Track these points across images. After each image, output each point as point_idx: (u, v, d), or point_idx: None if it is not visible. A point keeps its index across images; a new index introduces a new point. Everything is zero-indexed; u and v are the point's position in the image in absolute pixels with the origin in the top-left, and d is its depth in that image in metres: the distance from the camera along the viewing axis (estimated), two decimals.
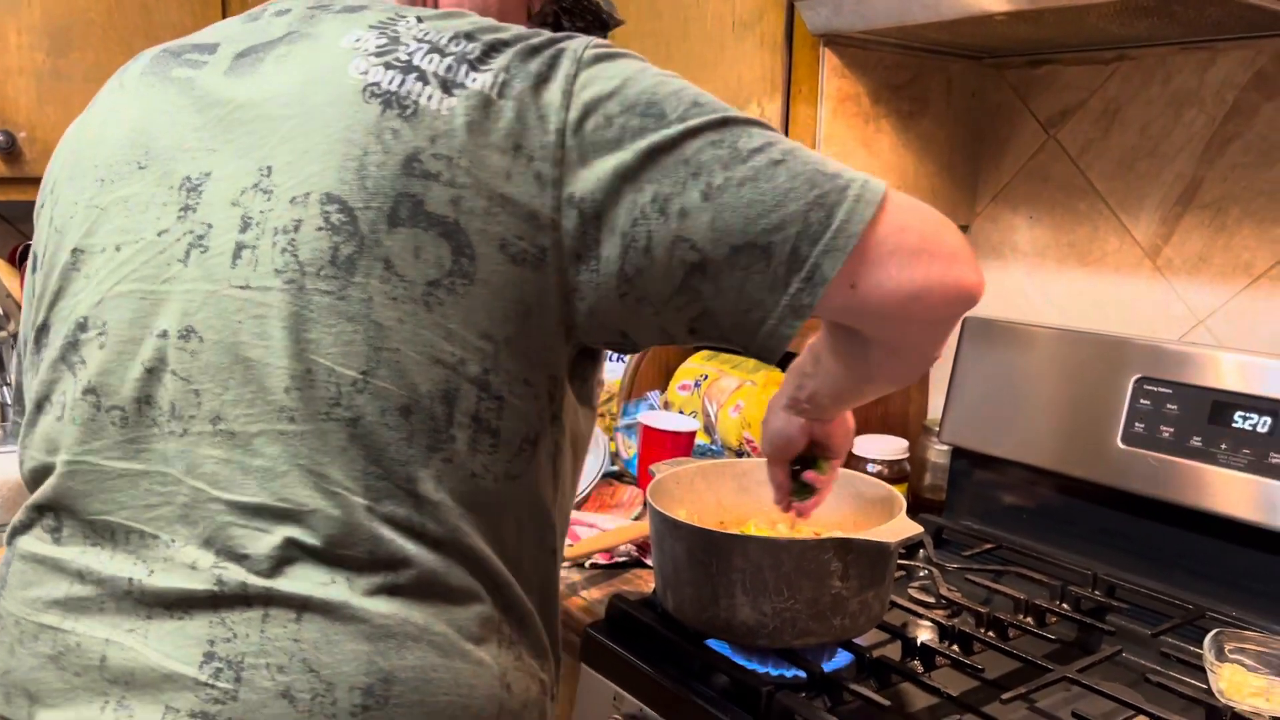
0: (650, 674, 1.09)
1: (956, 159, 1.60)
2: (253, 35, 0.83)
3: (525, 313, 0.75)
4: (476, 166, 0.72)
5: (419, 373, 0.72)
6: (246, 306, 0.73)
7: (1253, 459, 1.18)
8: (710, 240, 0.73)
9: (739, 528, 1.22)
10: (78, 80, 1.78)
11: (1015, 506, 1.45)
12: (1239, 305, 1.34)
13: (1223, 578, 1.22)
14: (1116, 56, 1.44)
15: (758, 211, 0.73)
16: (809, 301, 0.74)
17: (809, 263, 0.73)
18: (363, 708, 0.70)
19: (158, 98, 0.82)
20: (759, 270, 0.74)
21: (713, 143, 0.74)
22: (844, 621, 1.04)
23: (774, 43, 1.45)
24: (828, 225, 0.73)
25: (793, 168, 0.74)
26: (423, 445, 0.73)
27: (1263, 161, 1.30)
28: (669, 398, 1.86)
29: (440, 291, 0.72)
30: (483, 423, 0.74)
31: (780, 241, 0.73)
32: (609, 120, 0.74)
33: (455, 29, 0.77)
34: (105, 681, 0.71)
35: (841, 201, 0.73)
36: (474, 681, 0.74)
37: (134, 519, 0.74)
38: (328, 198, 0.72)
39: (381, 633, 0.71)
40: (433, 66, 0.75)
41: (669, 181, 0.73)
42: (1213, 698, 1.00)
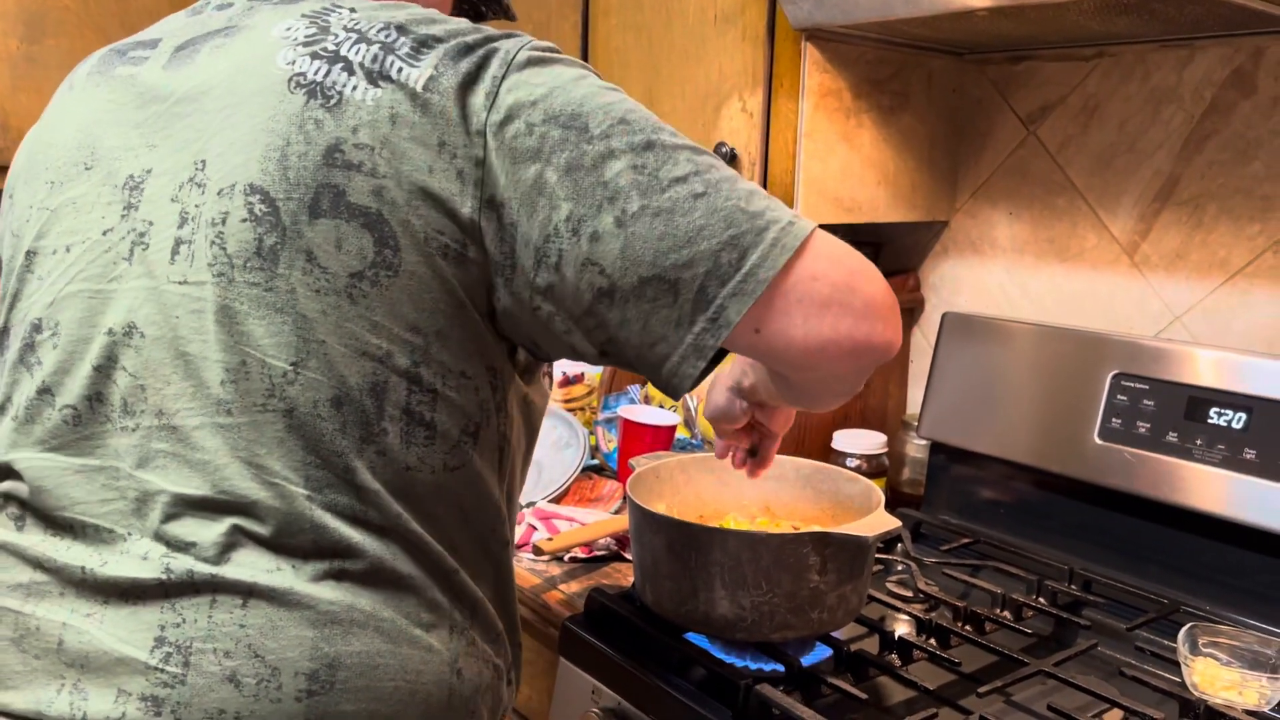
0: (629, 667, 1.08)
1: (937, 154, 1.60)
2: (193, 28, 0.84)
3: (457, 305, 0.74)
4: (398, 158, 0.72)
5: (346, 365, 0.72)
6: (184, 302, 0.73)
7: (1227, 455, 1.19)
8: (619, 268, 0.72)
9: (718, 521, 1.22)
10: (52, 67, 1.76)
11: (993, 501, 1.45)
12: (1215, 302, 1.35)
13: (1197, 572, 1.23)
14: (1096, 53, 1.44)
15: (669, 245, 0.72)
16: (712, 343, 0.73)
17: (715, 304, 0.72)
18: (308, 693, 0.71)
19: (103, 97, 0.83)
20: (665, 305, 0.73)
21: (634, 166, 0.72)
22: (822, 615, 1.04)
23: (756, 36, 1.45)
24: (738, 268, 0.72)
25: (713, 203, 0.72)
26: (355, 437, 0.73)
27: (1239, 159, 1.31)
28: (649, 392, 1.86)
29: (364, 284, 0.72)
30: (415, 415, 0.74)
31: (689, 279, 0.72)
32: (530, 128, 0.73)
33: (387, 19, 0.77)
34: (62, 664, 0.72)
35: (757, 244, 0.72)
36: (422, 668, 0.75)
37: (89, 514, 0.75)
38: (251, 188, 0.72)
39: (327, 619, 0.72)
40: (359, 57, 0.74)
41: (585, 202, 0.72)
42: (1186, 691, 1.01)
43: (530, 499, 1.50)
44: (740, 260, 0.72)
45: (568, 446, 1.65)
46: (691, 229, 0.72)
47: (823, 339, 0.74)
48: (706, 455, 1.26)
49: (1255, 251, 1.31)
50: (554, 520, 1.43)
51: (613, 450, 1.71)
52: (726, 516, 1.23)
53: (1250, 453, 1.17)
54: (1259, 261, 1.31)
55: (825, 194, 1.47)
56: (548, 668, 1.27)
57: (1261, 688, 0.98)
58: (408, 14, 0.78)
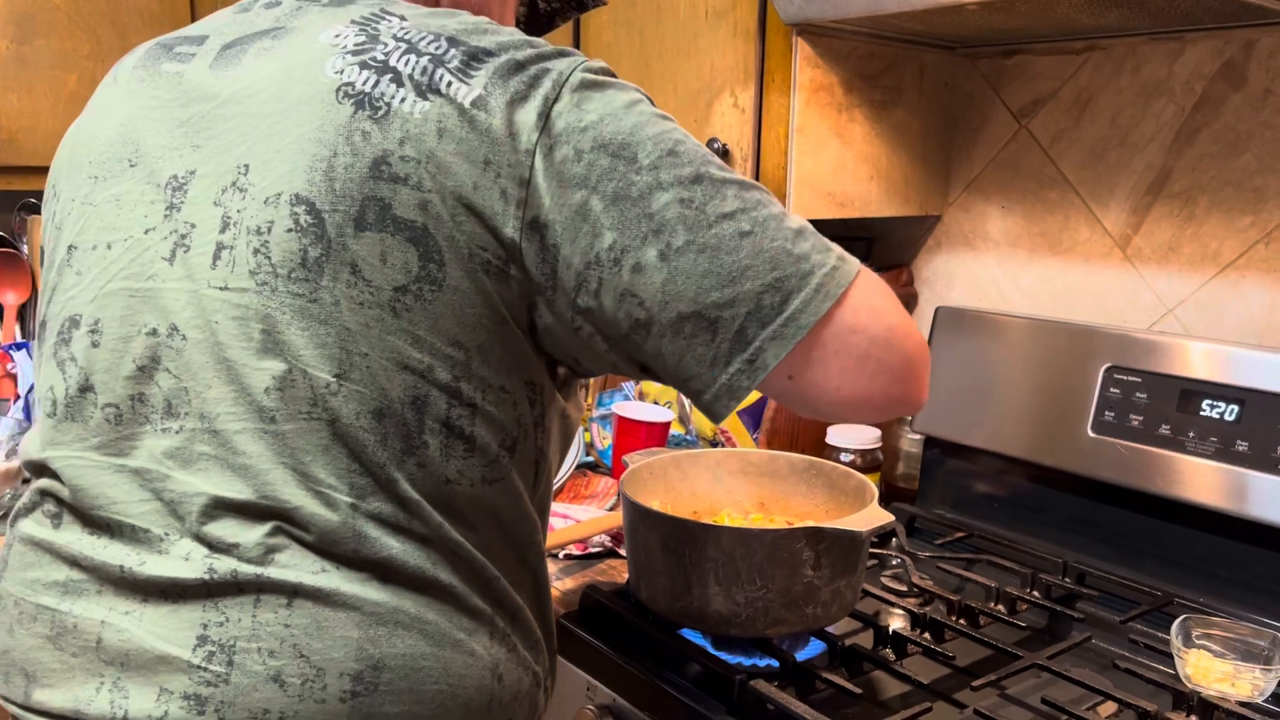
0: (624, 664, 1.09)
1: (929, 149, 1.60)
2: (241, 27, 0.82)
3: (499, 321, 0.74)
4: (444, 173, 0.71)
5: (388, 378, 0.72)
6: (225, 307, 0.73)
7: (1220, 447, 1.19)
8: (659, 302, 0.72)
9: (712, 518, 1.22)
10: (42, 68, 1.76)
11: (987, 495, 1.46)
12: (1207, 294, 1.35)
13: (1191, 565, 1.24)
14: (1087, 47, 1.44)
15: (712, 283, 0.72)
16: (746, 385, 0.74)
17: (753, 346, 0.73)
18: (352, 693, 0.71)
19: (147, 92, 0.82)
20: (702, 343, 0.73)
21: (681, 200, 0.72)
22: (816, 610, 1.04)
23: (747, 31, 1.44)
24: (780, 311, 0.72)
25: (758, 242, 0.72)
26: (396, 449, 0.73)
27: (1231, 151, 1.31)
28: (643, 388, 1.86)
29: (407, 297, 0.71)
30: (455, 429, 0.74)
31: (729, 319, 0.72)
32: (579, 154, 0.72)
33: (437, 30, 0.76)
34: (101, 662, 0.72)
35: (800, 289, 0.73)
36: (464, 672, 0.75)
37: (126, 513, 0.75)
38: (297, 199, 0.72)
39: (372, 620, 0.72)
40: (408, 68, 0.73)
41: (629, 233, 0.72)
42: (1180, 683, 1.01)
43: None
44: (783, 304, 0.72)
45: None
46: (736, 268, 0.72)
47: (857, 394, 0.76)
48: (701, 451, 1.26)
49: (1247, 244, 1.31)
50: (549, 517, 1.43)
51: (607, 447, 1.71)
52: (721, 512, 1.23)
53: (1243, 444, 1.17)
54: (1250, 253, 1.31)
55: (818, 189, 1.47)
56: None
57: (1254, 679, 0.99)
58: (458, 23, 0.77)
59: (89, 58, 1.79)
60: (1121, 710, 0.99)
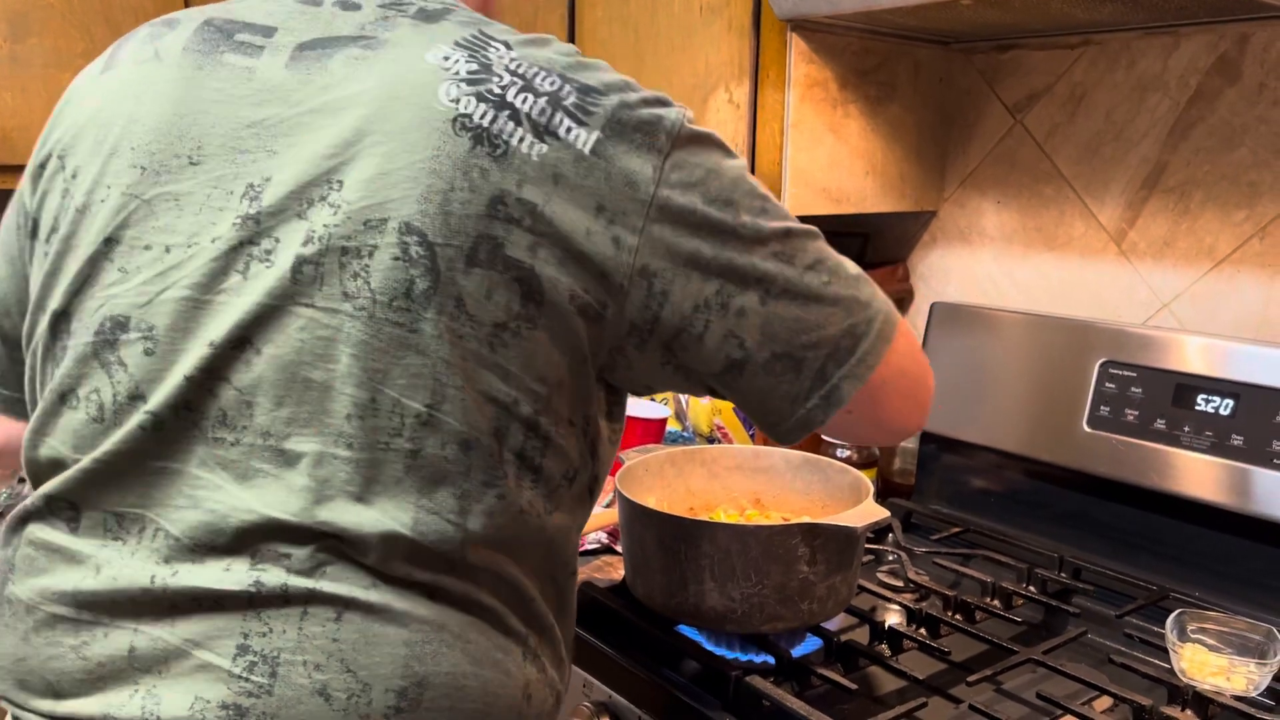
0: (619, 660, 1.09)
1: (924, 144, 1.60)
2: (316, 26, 0.78)
3: (580, 359, 0.76)
4: (558, 218, 0.72)
5: (479, 410, 0.72)
6: (310, 326, 0.71)
7: (1215, 441, 1.19)
8: (756, 342, 0.79)
9: (708, 514, 1.22)
10: (36, 66, 1.75)
11: (983, 490, 1.46)
12: (1202, 289, 1.36)
13: (1186, 559, 1.24)
14: (1082, 41, 1.44)
15: (801, 327, 0.79)
16: (821, 419, 0.82)
17: (830, 383, 0.81)
18: (396, 709, 0.70)
19: (209, 84, 0.77)
20: (789, 381, 0.81)
21: (776, 254, 0.79)
22: (812, 606, 1.04)
23: (741, 27, 1.44)
24: (852, 353, 0.81)
25: (836, 291, 0.81)
26: (479, 481, 0.73)
27: (1225, 146, 1.31)
28: None
29: (506, 334, 0.72)
30: (527, 460, 0.76)
31: (813, 359, 0.80)
32: (694, 207, 0.76)
33: (547, 65, 0.76)
34: (134, 670, 0.71)
35: (867, 334, 0.82)
36: (500, 691, 0.75)
37: (163, 516, 0.73)
38: (407, 228, 0.70)
39: (420, 638, 0.72)
40: (526, 107, 0.73)
41: (735, 279, 0.77)
42: (1175, 678, 1.01)
43: None
44: (854, 346, 0.81)
45: None
46: (822, 315, 0.80)
47: (900, 425, 0.89)
48: (697, 448, 1.26)
49: (1241, 238, 1.31)
50: None
51: None
52: (717, 509, 1.23)
53: (1238, 439, 1.18)
54: (1245, 248, 1.31)
55: (813, 185, 1.47)
56: None
57: (1249, 673, 0.99)
58: (559, 54, 0.78)
59: (83, 56, 1.79)
60: (1117, 705, 0.99)
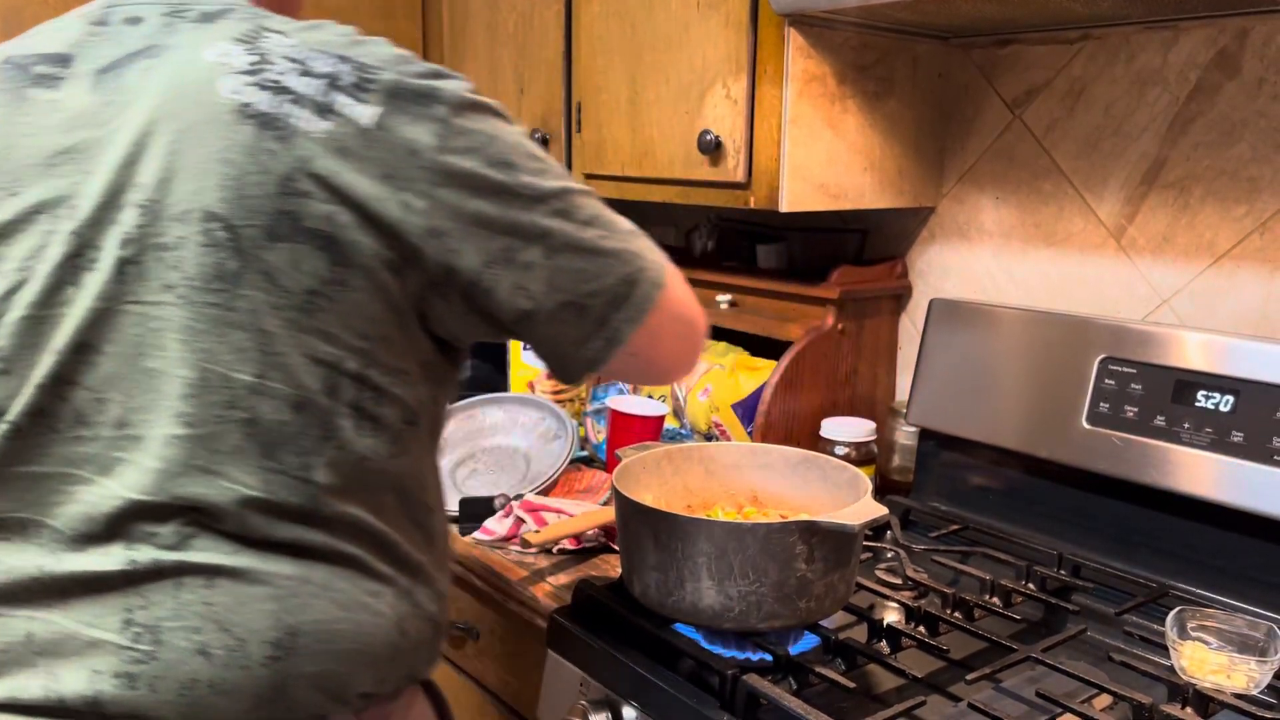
0: (617, 659, 1.08)
1: (923, 140, 1.59)
2: (109, 47, 0.84)
3: (398, 313, 0.82)
4: (349, 188, 0.78)
5: (305, 372, 0.79)
6: (140, 320, 0.77)
7: (1215, 438, 1.19)
8: (544, 292, 0.86)
9: (705, 512, 1.21)
10: None
11: (982, 487, 1.45)
12: (1202, 285, 1.35)
13: (1186, 556, 1.23)
14: (1081, 36, 1.43)
15: (584, 277, 0.87)
16: (605, 358, 0.91)
17: (611, 325, 0.89)
18: (272, 659, 0.79)
19: (19, 120, 0.83)
20: (574, 325, 0.89)
21: (556, 211, 0.86)
22: (810, 604, 1.03)
23: (739, 22, 1.44)
24: (629, 298, 0.89)
25: (613, 245, 0.89)
26: (315, 436, 0.80)
27: (1225, 140, 1.31)
28: None
29: (319, 299, 0.78)
30: (363, 411, 0.82)
31: (595, 305, 0.88)
32: (475, 170, 0.82)
33: (323, 47, 0.82)
34: (33, 654, 0.77)
35: (641, 281, 0.90)
36: (373, 631, 0.84)
37: (43, 514, 0.79)
38: (210, 216, 0.76)
39: (286, 593, 0.80)
40: (305, 89, 0.79)
41: (519, 236, 0.84)
42: (1175, 675, 1.01)
43: (518, 491, 1.50)
44: (631, 293, 0.89)
45: (556, 438, 1.64)
46: (601, 265, 0.88)
47: (673, 364, 0.98)
48: (694, 445, 1.26)
49: (1241, 233, 1.31)
50: (542, 512, 1.43)
51: (601, 441, 1.70)
52: (714, 507, 1.23)
53: (1238, 435, 1.17)
54: (1245, 243, 1.30)
55: (811, 181, 1.46)
56: (536, 660, 1.26)
57: (1250, 671, 0.98)
58: (339, 36, 0.83)
59: None
60: (1117, 703, 0.99)
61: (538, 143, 1.80)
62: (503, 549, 1.39)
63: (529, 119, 1.87)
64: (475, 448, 1.69)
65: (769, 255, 1.79)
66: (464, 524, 1.45)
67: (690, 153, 1.53)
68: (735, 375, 1.67)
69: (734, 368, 1.68)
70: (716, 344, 1.79)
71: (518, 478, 1.60)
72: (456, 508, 1.46)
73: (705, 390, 1.70)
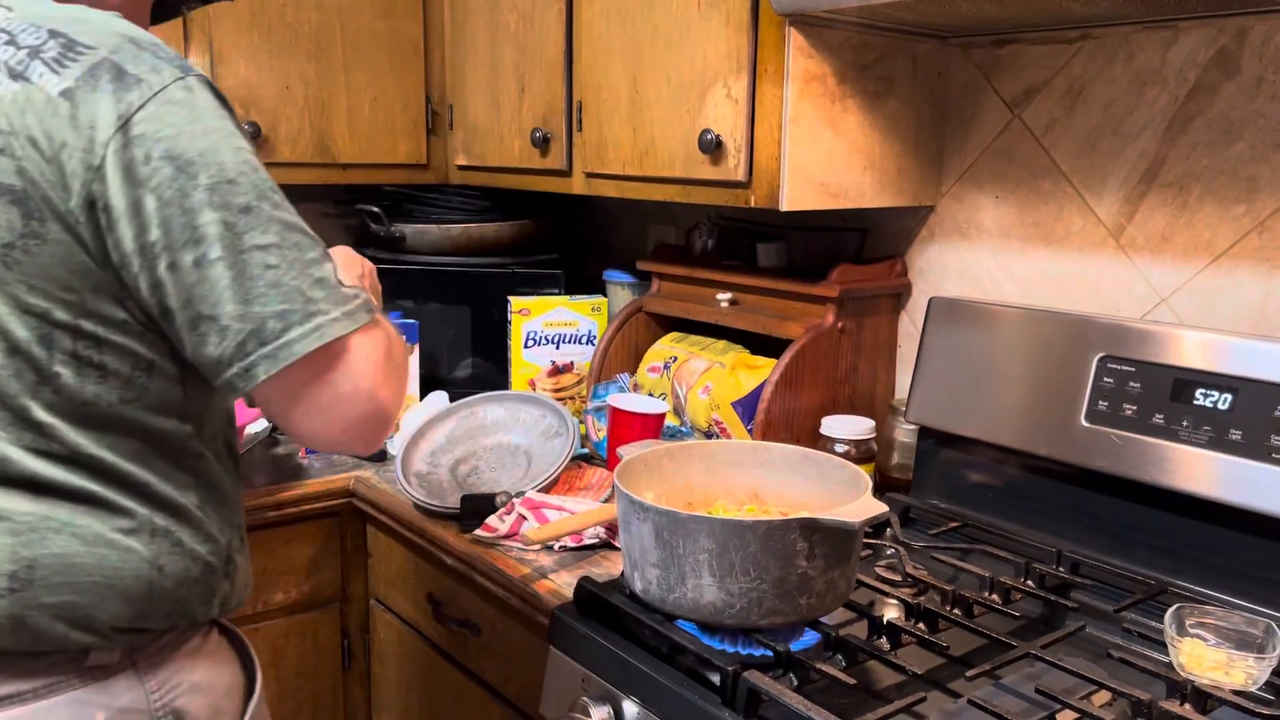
0: (618, 655, 1.09)
1: (923, 139, 1.60)
2: None
3: (103, 265, 0.85)
4: (32, 145, 0.82)
5: (13, 322, 0.84)
6: None
7: (1213, 435, 1.19)
8: (182, 301, 0.85)
9: (706, 509, 1.22)
10: None
11: (981, 485, 1.46)
12: (1201, 283, 1.35)
13: (1184, 553, 1.24)
14: (1080, 35, 1.44)
15: (229, 297, 0.85)
16: (241, 387, 0.87)
17: (249, 359, 0.86)
18: (10, 590, 0.86)
19: None
20: (213, 344, 0.87)
21: (225, 223, 0.85)
22: (810, 601, 1.04)
23: (740, 22, 1.44)
24: (278, 338, 0.86)
25: (279, 277, 0.86)
26: (29, 380, 0.86)
27: (1224, 140, 1.31)
28: (638, 380, 1.86)
29: (16, 252, 0.83)
30: (84, 359, 0.87)
31: (237, 330, 0.86)
32: (147, 159, 0.83)
33: (40, 20, 0.86)
34: None
35: (300, 324, 0.86)
36: (120, 565, 0.89)
37: None
38: None
39: (24, 527, 0.87)
40: (5, 57, 0.84)
41: (172, 237, 0.84)
42: (1174, 672, 1.01)
43: (520, 489, 1.50)
44: (282, 333, 0.86)
45: (557, 435, 1.65)
46: (255, 292, 0.85)
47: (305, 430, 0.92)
48: (695, 443, 1.26)
49: (1240, 233, 1.31)
50: (543, 509, 1.43)
51: (602, 439, 1.71)
52: (715, 504, 1.23)
53: (1236, 433, 1.18)
54: (1244, 243, 1.31)
55: (811, 180, 1.46)
56: (538, 656, 1.27)
57: (1248, 668, 0.99)
58: (60, 12, 0.87)
59: None
60: (1116, 699, 0.99)
61: (538, 141, 1.82)
62: (504, 546, 1.40)
63: (530, 118, 1.87)
64: (477, 445, 1.69)
65: (769, 254, 1.79)
66: (466, 521, 1.45)
67: (691, 152, 1.53)
68: (735, 373, 1.67)
69: (734, 366, 1.69)
70: (716, 342, 1.80)
71: (519, 475, 1.61)
72: (459, 505, 1.47)
73: (706, 388, 1.70)
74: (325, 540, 1.72)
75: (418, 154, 2.12)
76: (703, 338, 1.82)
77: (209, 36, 1.86)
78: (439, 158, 2.15)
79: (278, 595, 1.68)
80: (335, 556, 1.73)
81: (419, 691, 1.66)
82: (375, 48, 2.04)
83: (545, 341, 1.93)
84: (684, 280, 1.85)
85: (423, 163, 2.14)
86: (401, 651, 1.69)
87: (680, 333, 1.88)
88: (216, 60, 1.87)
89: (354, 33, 2.01)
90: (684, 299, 1.84)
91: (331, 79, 1.99)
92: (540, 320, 1.93)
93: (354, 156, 2.05)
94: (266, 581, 1.66)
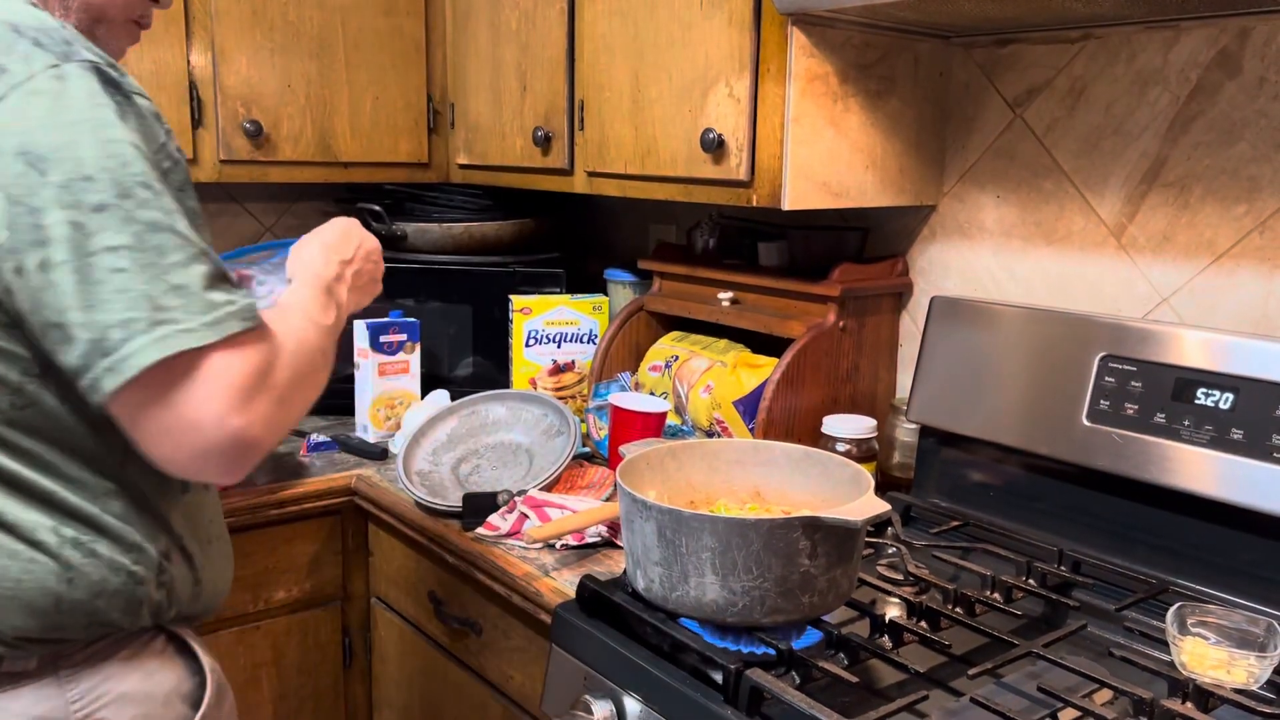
0: (621, 653, 1.09)
1: (924, 138, 1.60)
2: None
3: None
4: None
5: None
6: None
7: (1215, 435, 1.19)
8: (30, 307, 0.81)
9: (708, 507, 1.22)
10: None
11: (982, 484, 1.46)
12: (1202, 283, 1.36)
13: (1186, 552, 1.24)
14: (1082, 35, 1.44)
15: (74, 304, 0.79)
16: (97, 399, 0.81)
17: (93, 371, 0.80)
18: None
19: None
20: (64, 351, 0.81)
21: (74, 223, 0.79)
22: (812, 599, 1.04)
23: (742, 21, 1.44)
24: (117, 349, 0.79)
25: (127, 282, 0.79)
26: None
27: (1225, 140, 1.32)
28: (640, 379, 1.86)
29: None
30: None
31: (82, 339, 0.80)
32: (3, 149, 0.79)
33: None
34: None
35: (145, 333, 0.79)
36: (22, 577, 0.87)
37: None
38: None
39: None
40: None
41: (18, 237, 0.79)
42: (1175, 671, 1.01)
43: (521, 487, 1.50)
44: (124, 342, 0.79)
45: (558, 434, 1.65)
46: (98, 297, 0.79)
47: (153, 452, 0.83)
48: (697, 441, 1.26)
49: (1241, 232, 1.31)
50: (545, 508, 1.43)
51: (604, 437, 1.71)
52: (717, 502, 1.23)
53: (1237, 433, 1.18)
54: (1245, 242, 1.31)
55: (813, 179, 1.47)
56: (540, 654, 1.27)
57: (1250, 666, 0.99)
58: None
59: None
60: (1117, 698, 0.99)
61: (540, 140, 1.83)
62: (506, 544, 1.40)
63: (532, 116, 1.87)
64: (478, 444, 1.69)
65: (770, 253, 1.79)
66: (468, 519, 1.46)
67: (693, 151, 1.53)
68: (737, 372, 1.67)
69: (735, 365, 1.69)
70: (718, 341, 1.80)
71: (521, 473, 1.61)
72: (460, 503, 1.47)
73: (707, 388, 1.71)
74: (327, 538, 1.72)
75: (419, 153, 2.13)
76: (704, 337, 1.83)
77: (210, 35, 1.86)
78: (440, 156, 2.16)
79: (279, 593, 1.68)
80: (336, 555, 1.74)
81: (420, 689, 1.66)
82: (377, 46, 2.04)
83: (546, 340, 1.94)
84: (685, 279, 1.85)
85: (424, 161, 2.14)
86: (403, 649, 1.70)
87: (681, 332, 1.88)
88: (218, 58, 1.87)
89: (356, 31, 2.01)
90: (685, 298, 1.84)
91: (333, 77, 2.00)
92: (541, 319, 1.93)
93: (355, 155, 2.05)
94: (268, 580, 1.66)
